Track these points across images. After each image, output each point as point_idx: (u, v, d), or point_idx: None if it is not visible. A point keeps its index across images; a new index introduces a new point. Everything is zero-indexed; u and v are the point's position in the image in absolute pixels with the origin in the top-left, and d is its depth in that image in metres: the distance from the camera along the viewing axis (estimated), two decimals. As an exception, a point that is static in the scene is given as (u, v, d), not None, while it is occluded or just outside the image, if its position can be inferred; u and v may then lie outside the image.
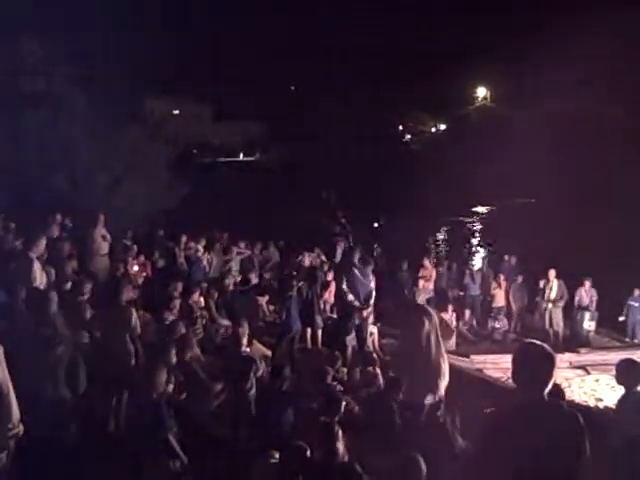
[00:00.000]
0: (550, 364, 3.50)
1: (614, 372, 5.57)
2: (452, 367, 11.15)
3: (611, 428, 5.31)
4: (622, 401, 5.41)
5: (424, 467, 4.50)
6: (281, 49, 40.13)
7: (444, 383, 6.69)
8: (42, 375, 5.74)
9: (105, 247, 12.29)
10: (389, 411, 6.76)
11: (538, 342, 3.69)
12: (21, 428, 4.70)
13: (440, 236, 27.25)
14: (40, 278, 8.10)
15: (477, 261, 22.52)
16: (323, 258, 14.77)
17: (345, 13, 41.35)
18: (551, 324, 14.55)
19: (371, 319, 11.25)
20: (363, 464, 5.00)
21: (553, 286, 14.65)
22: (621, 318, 15.05)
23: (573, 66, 33.44)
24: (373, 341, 11.46)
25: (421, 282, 15.43)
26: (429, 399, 6.50)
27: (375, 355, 9.48)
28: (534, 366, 3.48)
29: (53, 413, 5.60)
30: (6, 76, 17.60)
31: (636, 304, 14.90)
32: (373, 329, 11.48)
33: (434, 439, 6.10)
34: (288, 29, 39.38)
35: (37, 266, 8.11)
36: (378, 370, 8.36)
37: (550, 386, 3.49)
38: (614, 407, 5.66)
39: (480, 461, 3.56)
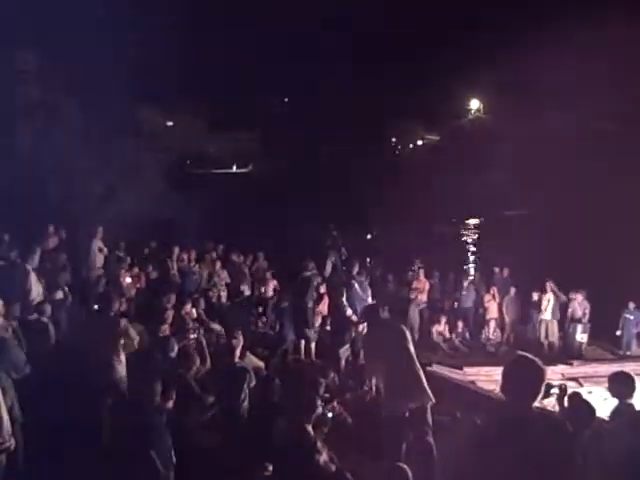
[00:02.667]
0: (540, 377, 3.53)
1: (607, 384, 5.58)
2: (444, 379, 11.23)
3: (605, 440, 5.32)
4: (615, 413, 5.43)
5: (410, 476, 4.50)
6: (275, 61, 40.19)
7: (422, 394, 6.62)
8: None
9: (101, 259, 12.33)
10: (379, 421, 6.75)
11: (529, 355, 3.72)
12: (12, 442, 4.68)
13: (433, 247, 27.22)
14: (36, 289, 8.11)
15: (470, 273, 22.52)
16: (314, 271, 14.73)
17: (340, 22, 41.52)
18: (547, 335, 14.59)
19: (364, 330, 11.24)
20: (354, 472, 5.01)
21: (550, 298, 14.69)
22: (618, 332, 15.06)
23: (568, 79, 33.60)
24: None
25: (414, 294, 15.47)
26: (403, 409, 6.45)
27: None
28: (524, 379, 3.51)
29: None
30: (1, 86, 17.57)
31: (631, 317, 14.91)
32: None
33: (415, 451, 6.10)
34: (281, 41, 39.47)
35: (33, 277, 8.11)
36: (374, 382, 8.33)
37: (539, 398, 3.53)
38: (607, 419, 5.67)
39: (468, 471, 3.57)
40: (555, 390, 7.03)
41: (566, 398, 6.74)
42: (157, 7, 26.20)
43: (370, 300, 11.13)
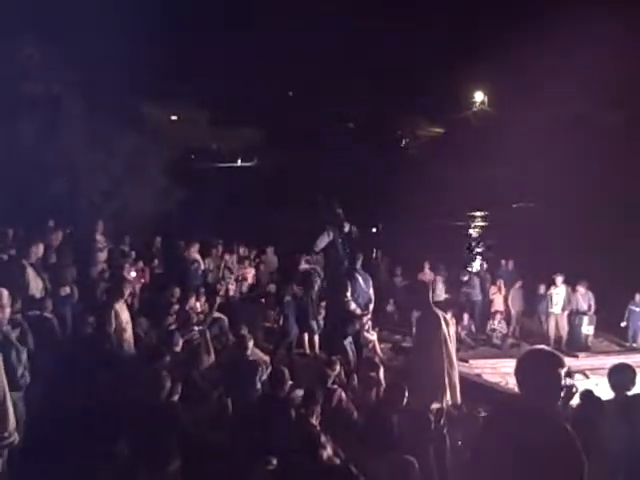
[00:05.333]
0: (559, 370, 3.46)
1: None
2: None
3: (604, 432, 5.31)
4: (609, 404, 5.43)
5: (418, 470, 4.49)
6: (279, 54, 40.15)
7: (454, 392, 6.72)
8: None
9: (104, 254, 12.34)
10: (387, 416, 6.73)
11: (548, 348, 3.68)
12: (16, 436, 4.67)
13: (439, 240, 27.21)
14: (35, 284, 8.09)
15: (475, 265, 22.48)
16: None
17: (343, 16, 41.42)
18: (557, 329, 14.56)
19: (369, 325, 11.22)
20: (359, 467, 4.99)
21: (560, 291, 14.64)
22: (623, 324, 15.02)
23: (572, 70, 33.47)
24: (374, 347, 11.44)
25: (419, 286, 15.41)
26: (435, 405, 6.52)
27: (377, 360, 9.45)
28: (543, 372, 3.45)
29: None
30: (4, 80, 17.55)
31: (637, 309, 14.83)
32: (372, 335, 11.45)
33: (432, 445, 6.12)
34: (286, 34, 39.42)
35: (30, 273, 8.10)
36: (381, 375, 8.32)
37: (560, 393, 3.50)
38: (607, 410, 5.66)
39: (472, 462, 3.55)
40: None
41: (578, 395, 6.72)
42: (160, 1, 26.17)
43: (372, 292, 11.06)
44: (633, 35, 31.64)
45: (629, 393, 5.37)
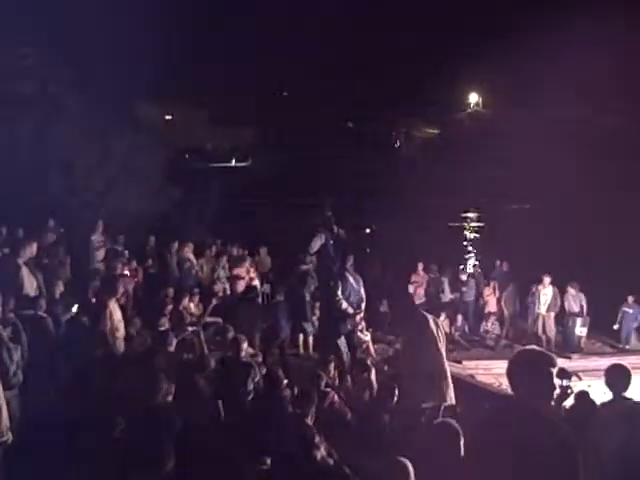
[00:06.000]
0: (550, 369, 3.48)
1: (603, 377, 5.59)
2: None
3: (599, 434, 5.32)
4: (607, 405, 5.45)
5: (412, 472, 4.49)
6: (275, 55, 40.15)
7: (447, 390, 6.78)
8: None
9: (101, 254, 12.33)
10: (380, 417, 6.75)
11: (539, 348, 3.69)
12: (9, 436, 4.67)
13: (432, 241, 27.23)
14: (29, 283, 8.08)
15: (469, 266, 22.50)
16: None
17: (339, 18, 41.43)
18: (544, 330, 14.61)
19: (362, 325, 11.23)
20: (352, 467, 5.00)
21: (547, 292, 14.69)
22: (615, 326, 15.05)
23: (568, 72, 33.56)
24: (367, 347, 11.45)
25: (412, 287, 15.48)
26: (428, 404, 6.57)
27: (370, 361, 9.46)
28: (534, 371, 3.46)
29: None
30: (1, 79, 17.55)
31: (630, 311, 14.88)
32: (366, 336, 11.46)
33: (428, 444, 6.12)
34: (284, 34, 39.43)
35: (24, 271, 8.08)
36: (373, 377, 8.34)
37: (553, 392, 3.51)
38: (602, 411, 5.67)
39: (468, 463, 3.55)
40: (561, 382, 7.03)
41: (573, 396, 6.74)
42: (158, 1, 26.14)
43: (363, 292, 11.05)
44: (631, 38, 31.71)
45: (625, 394, 5.38)
